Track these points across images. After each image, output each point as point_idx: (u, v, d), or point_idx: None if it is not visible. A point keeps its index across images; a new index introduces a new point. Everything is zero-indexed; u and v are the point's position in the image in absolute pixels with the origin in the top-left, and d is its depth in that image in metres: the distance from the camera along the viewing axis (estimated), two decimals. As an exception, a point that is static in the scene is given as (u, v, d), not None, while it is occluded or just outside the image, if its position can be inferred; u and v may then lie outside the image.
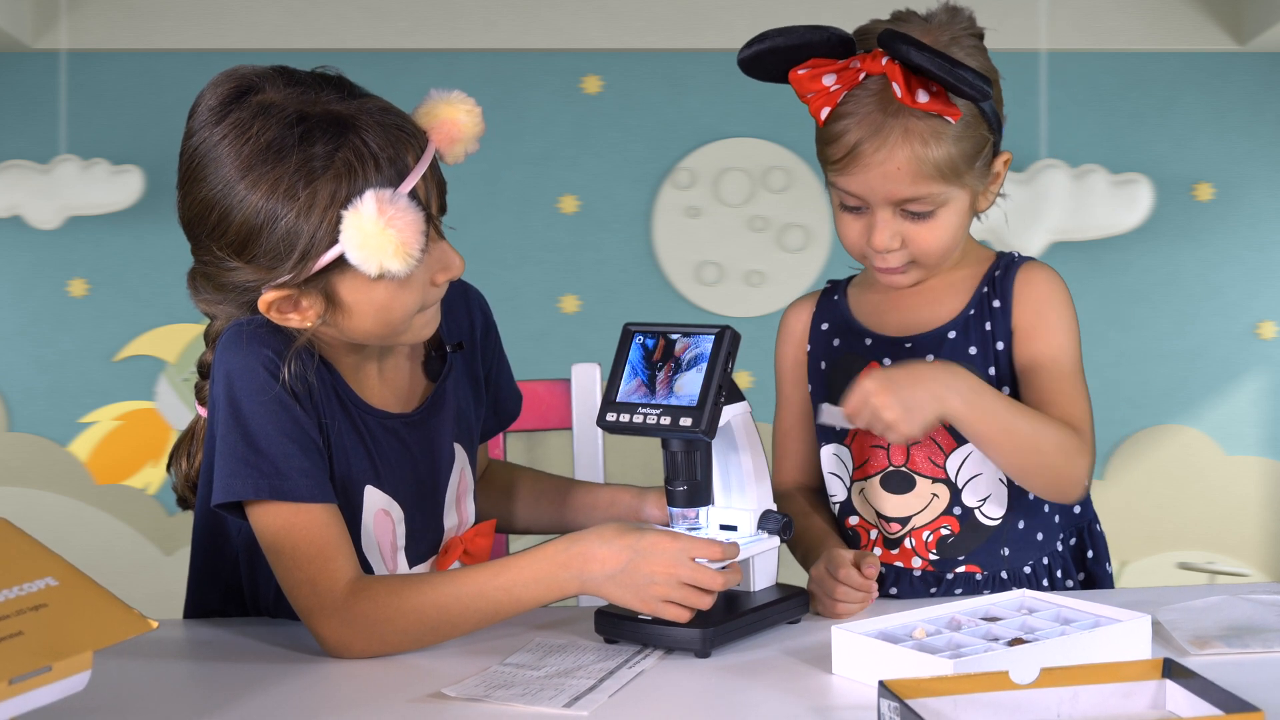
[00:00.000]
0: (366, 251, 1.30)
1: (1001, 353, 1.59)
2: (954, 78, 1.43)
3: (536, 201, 3.69)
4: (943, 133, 1.50)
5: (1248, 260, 3.72)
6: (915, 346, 1.61)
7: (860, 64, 1.50)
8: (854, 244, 1.58)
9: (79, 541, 3.57)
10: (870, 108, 1.50)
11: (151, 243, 3.62)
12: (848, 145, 1.51)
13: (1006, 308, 1.59)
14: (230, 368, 1.37)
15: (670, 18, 3.67)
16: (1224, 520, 3.72)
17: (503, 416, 1.70)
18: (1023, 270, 1.60)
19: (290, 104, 1.32)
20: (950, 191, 1.53)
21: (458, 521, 1.57)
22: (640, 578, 1.32)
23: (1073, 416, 1.54)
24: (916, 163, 1.49)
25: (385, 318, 1.38)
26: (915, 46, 1.44)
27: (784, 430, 1.73)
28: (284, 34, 3.60)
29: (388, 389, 1.50)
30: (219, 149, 1.32)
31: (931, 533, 1.59)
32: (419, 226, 1.31)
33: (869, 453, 1.62)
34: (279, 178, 1.30)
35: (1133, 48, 3.70)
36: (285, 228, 1.31)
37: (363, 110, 1.34)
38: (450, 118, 1.39)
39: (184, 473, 1.53)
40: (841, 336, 1.67)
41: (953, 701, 1.10)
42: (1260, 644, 1.32)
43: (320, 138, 1.31)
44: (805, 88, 1.52)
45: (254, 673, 1.31)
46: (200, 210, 1.34)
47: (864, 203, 1.54)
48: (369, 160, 1.31)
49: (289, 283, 1.34)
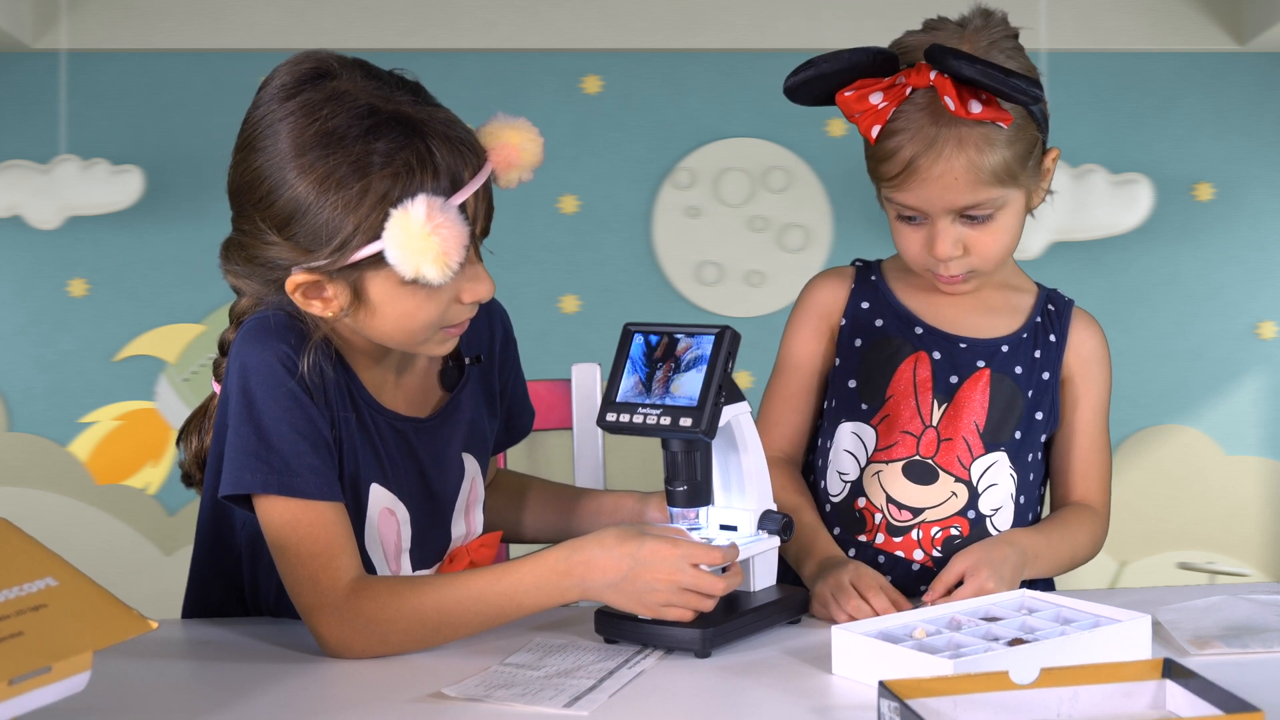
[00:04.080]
0: (406, 252, 1.30)
1: (1046, 383, 1.65)
2: (1009, 87, 1.44)
3: (536, 201, 3.69)
4: (995, 139, 1.50)
5: (1248, 260, 3.72)
6: (970, 348, 1.63)
7: (906, 79, 1.50)
8: (915, 256, 1.59)
9: (79, 541, 3.57)
10: (921, 122, 1.50)
11: (151, 243, 3.61)
12: (903, 161, 1.51)
13: (1061, 346, 1.67)
14: (247, 360, 1.37)
15: (670, 18, 3.67)
16: (1224, 520, 3.72)
17: (514, 431, 1.70)
18: (1078, 318, 1.70)
19: (364, 96, 1.33)
20: (1007, 194, 1.55)
21: (465, 531, 1.57)
22: (641, 585, 1.33)
23: (1097, 492, 1.70)
24: (974, 171, 1.50)
25: (406, 324, 1.38)
26: (966, 60, 1.45)
27: (783, 398, 1.70)
28: (284, 34, 3.60)
29: (402, 395, 1.50)
30: (283, 124, 1.32)
31: (941, 529, 1.60)
32: (463, 240, 1.31)
33: (897, 437, 1.62)
34: (337, 164, 1.31)
35: (1133, 48, 3.69)
36: (331, 213, 1.31)
37: (432, 118, 1.34)
38: (513, 142, 1.40)
39: (194, 450, 1.52)
40: (885, 318, 1.67)
41: (953, 701, 1.10)
42: (1260, 644, 1.32)
43: (386, 135, 1.31)
44: (852, 108, 1.52)
45: (254, 673, 1.31)
46: (251, 179, 1.35)
47: (923, 214, 1.55)
48: (429, 167, 1.32)
49: (322, 268, 1.34)
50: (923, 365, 1.63)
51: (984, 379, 1.62)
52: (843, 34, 3.62)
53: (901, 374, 1.63)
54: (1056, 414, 1.67)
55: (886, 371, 1.64)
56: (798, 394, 1.70)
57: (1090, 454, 1.69)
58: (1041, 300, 1.69)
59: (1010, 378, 1.63)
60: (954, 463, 1.60)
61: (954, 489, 1.60)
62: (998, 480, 1.61)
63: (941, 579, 1.46)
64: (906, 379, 1.63)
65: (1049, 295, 1.70)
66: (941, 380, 1.62)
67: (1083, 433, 1.69)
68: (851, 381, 1.65)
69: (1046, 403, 1.65)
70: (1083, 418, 1.69)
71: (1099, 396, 1.70)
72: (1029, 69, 1.57)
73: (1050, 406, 1.66)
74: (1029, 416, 1.63)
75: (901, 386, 1.63)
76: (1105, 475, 1.70)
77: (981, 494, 1.60)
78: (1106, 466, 1.70)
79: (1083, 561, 1.64)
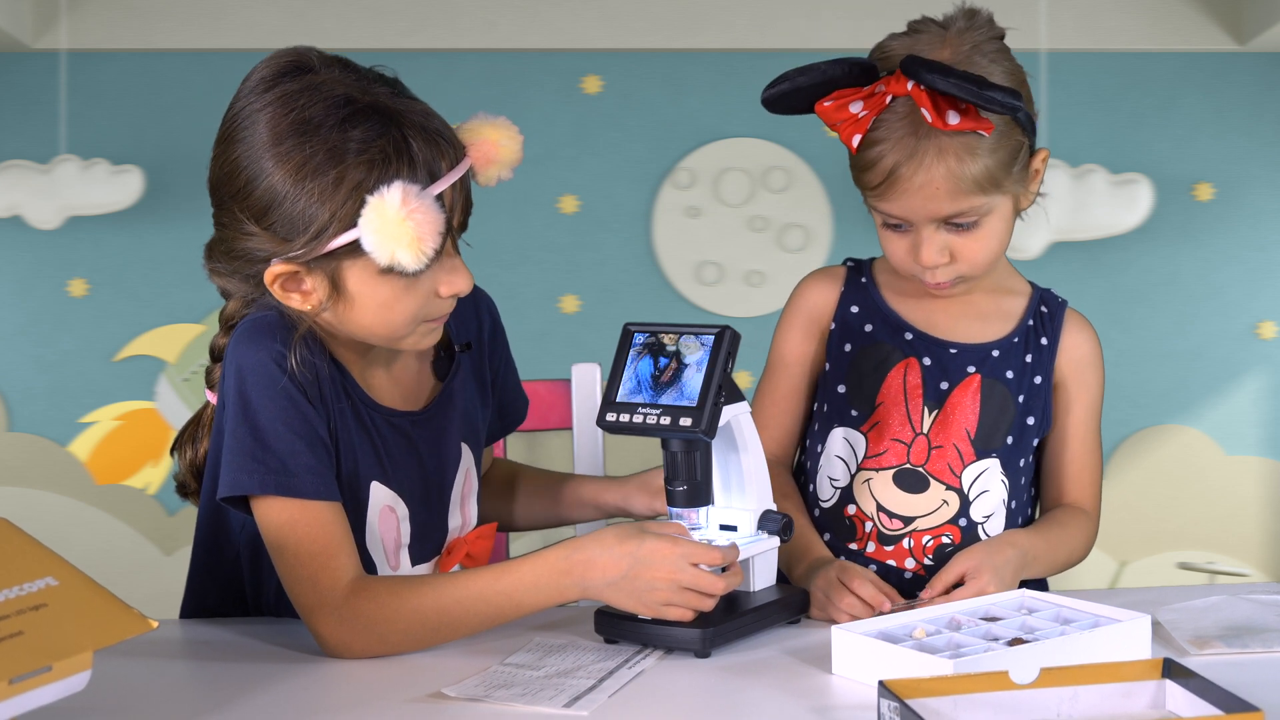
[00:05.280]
0: (381, 238, 1.30)
1: (1038, 387, 1.64)
2: (984, 100, 1.43)
3: (536, 201, 3.69)
4: (977, 147, 1.49)
5: (1248, 260, 3.72)
6: (960, 354, 1.62)
7: (885, 88, 1.49)
8: (901, 262, 1.58)
9: (79, 541, 3.57)
10: (902, 131, 1.49)
11: (151, 243, 3.61)
12: (884, 171, 1.50)
13: (1053, 349, 1.65)
14: (242, 362, 1.38)
15: (670, 18, 3.67)
16: (1224, 520, 3.72)
17: (508, 420, 1.70)
18: (1070, 320, 1.68)
19: (340, 88, 1.34)
20: (992, 201, 1.53)
21: (461, 522, 1.57)
22: (641, 584, 1.33)
23: (1089, 496, 1.67)
24: (955, 180, 1.49)
25: (386, 317, 1.38)
26: (939, 73, 1.43)
27: (773, 399, 1.70)
28: (284, 34, 3.59)
29: (395, 387, 1.51)
30: (261, 115, 1.34)
31: (932, 538, 1.59)
32: (438, 226, 1.32)
33: (887, 444, 1.61)
34: (313, 152, 1.32)
35: (1133, 48, 3.70)
36: (307, 201, 1.32)
37: (409, 110, 1.35)
38: (491, 139, 1.41)
39: (188, 460, 1.53)
40: (875, 324, 1.66)
41: (953, 701, 1.10)
42: (1260, 644, 1.32)
43: (362, 124, 1.32)
44: (833, 118, 1.52)
45: (254, 673, 1.31)
46: (230, 170, 1.36)
47: (908, 222, 1.55)
48: (404, 156, 1.33)
49: (298, 258, 1.34)
50: (913, 372, 1.62)
51: (975, 385, 1.62)
52: (843, 34, 3.62)
53: (891, 381, 1.62)
54: (1049, 418, 1.66)
55: (876, 378, 1.63)
56: (788, 395, 1.70)
57: (1083, 457, 1.67)
58: (1034, 302, 1.67)
59: (1002, 382, 1.62)
60: (945, 470, 1.59)
61: (945, 497, 1.59)
62: (989, 487, 1.60)
63: (941, 578, 1.46)
64: (896, 386, 1.62)
65: (1042, 296, 1.68)
66: (932, 387, 1.61)
67: (1075, 436, 1.67)
68: (841, 387, 1.64)
69: (1039, 407, 1.64)
70: (1076, 421, 1.67)
71: (1091, 399, 1.69)
72: (1014, 71, 1.55)
73: (1042, 411, 1.65)
74: (1020, 422, 1.62)
75: (891, 393, 1.62)
76: (1097, 478, 1.69)
77: (973, 501, 1.59)
78: (1098, 469, 1.69)
79: (1075, 563, 1.64)
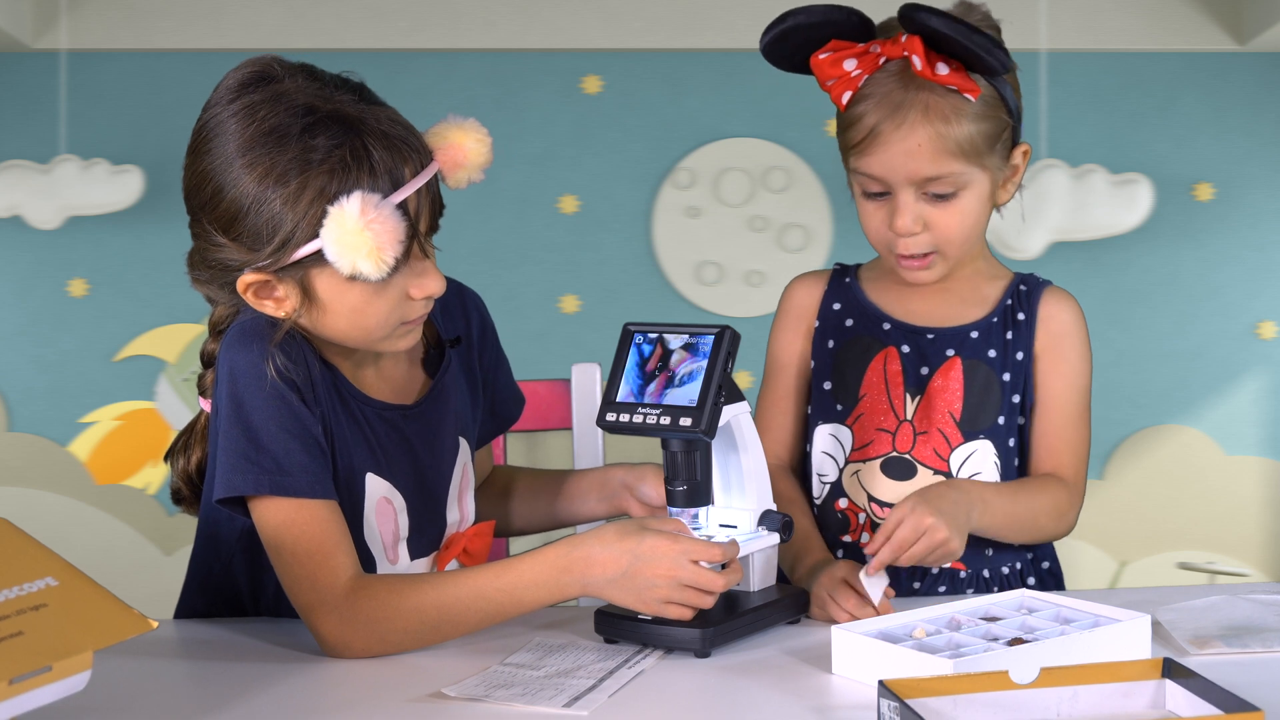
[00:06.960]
0: (342, 248, 1.31)
1: (1020, 362, 1.63)
2: (973, 43, 1.45)
3: (536, 201, 3.69)
4: (962, 110, 1.51)
5: (1248, 260, 3.72)
6: (937, 338, 1.63)
7: (880, 49, 1.52)
8: (876, 231, 1.59)
9: (79, 541, 3.57)
10: (889, 87, 1.52)
11: (151, 243, 3.61)
12: (868, 126, 1.53)
13: (1031, 323, 1.64)
14: (234, 365, 1.38)
15: (670, 18, 3.67)
16: (1224, 520, 3.72)
17: (501, 418, 1.70)
18: (1049, 293, 1.66)
19: (303, 97, 1.35)
20: (971, 172, 1.55)
21: (459, 517, 1.57)
22: (641, 581, 1.33)
23: (1067, 465, 1.63)
24: (937, 139, 1.51)
25: (358, 321, 1.39)
26: (937, 14, 1.46)
27: (773, 401, 1.72)
28: (284, 34, 3.60)
29: (386, 384, 1.51)
30: (227, 125, 1.35)
31: None
32: (398, 235, 1.32)
33: (873, 435, 1.62)
34: (275, 163, 1.33)
35: (1133, 48, 3.70)
36: (271, 211, 1.33)
37: (372, 116, 1.36)
38: (458, 142, 1.41)
39: (182, 469, 1.54)
40: (855, 318, 1.68)
41: (953, 701, 1.10)
42: (1260, 644, 1.32)
43: (323, 133, 1.33)
44: (826, 73, 1.54)
45: (254, 673, 1.31)
46: (198, 181, 1.37)
47: (886, 186, 1.56)
48: (364, 164, 1.33)
49: (267, 267, 1.35)
50: (892, 360, 1.63)
51: (955, 367, 1.62)
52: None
53: (872, 371, 1.63)
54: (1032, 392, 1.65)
55: (858, 370, 1.64)
56: (785, 396, 1.71)
57: (1062, 429, 1.63)
58: (1014, 284, 1.67)
59: (984, 363, 1.62)
60: (931, 456, 1.60)
61: (933, 482, 1.59)
62: (981, 468, 1.60)
63: (882, 529, 1.43)
64: (878, 376, 1.63)
65: (1022, 278, 1.68)
66: (912, 373, 1.62)
67: (1054, 407, 1.63)
68: (826, 383, 1.66)
69: (1023, 383, 1.64)
70: (1053, 391, 1.63)
71: (1070, 370, 1.64)
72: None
73: (1026, 386, 1.64)
74: (1007, 400, 1.62)
75: (874, 384, 1.63)
76: (1078, 450, 1.64)
77: None
78: (1081, 442, 1.64)
79: (1049, 531, 1.61)
